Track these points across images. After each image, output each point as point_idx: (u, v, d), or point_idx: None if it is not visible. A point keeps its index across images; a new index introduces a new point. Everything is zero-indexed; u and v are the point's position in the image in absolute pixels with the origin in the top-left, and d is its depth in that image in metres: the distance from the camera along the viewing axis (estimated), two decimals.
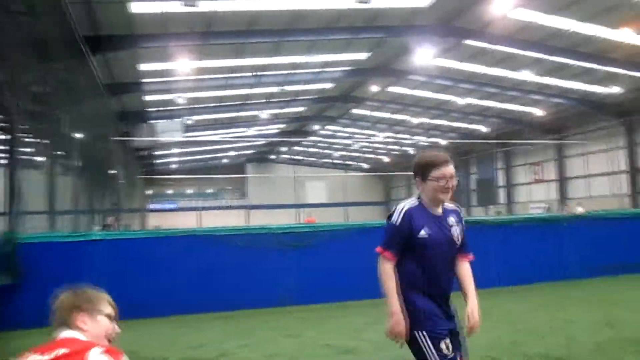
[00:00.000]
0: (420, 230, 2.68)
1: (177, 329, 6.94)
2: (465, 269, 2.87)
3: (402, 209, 2.76)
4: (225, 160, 57.24)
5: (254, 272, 8.18)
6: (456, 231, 2.79)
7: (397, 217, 2.73)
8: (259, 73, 26.82)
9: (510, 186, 44.86)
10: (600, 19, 21.34)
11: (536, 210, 37.16)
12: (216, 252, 8.09)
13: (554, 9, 20.86)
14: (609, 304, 7.48)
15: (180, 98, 28.42)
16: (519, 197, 44.16)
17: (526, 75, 28.61)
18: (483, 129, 41.79)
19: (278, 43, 22.97)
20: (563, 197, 38.77)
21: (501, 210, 42.68)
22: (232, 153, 54.38)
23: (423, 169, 2.78)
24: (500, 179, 45.52)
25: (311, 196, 61.68)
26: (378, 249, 2.73)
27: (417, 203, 2.79)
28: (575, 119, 35.97)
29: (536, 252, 9.82)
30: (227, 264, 8.13)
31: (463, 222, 2.88)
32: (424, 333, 2.59)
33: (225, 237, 8.24)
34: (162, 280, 7.51)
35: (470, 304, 2.76)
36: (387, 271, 2.66)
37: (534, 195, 42.18)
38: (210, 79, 26.86)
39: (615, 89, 30.11)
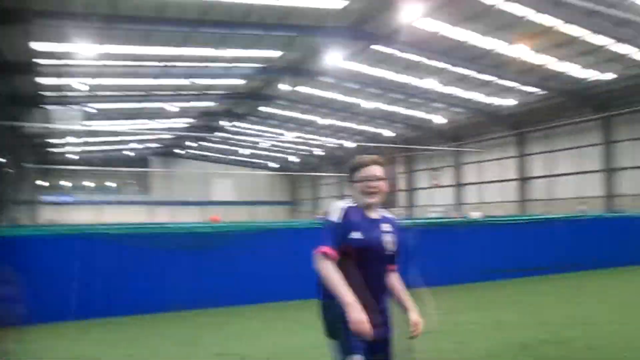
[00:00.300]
0: (356, 231, 2.61)
1: (52, 340, 6.25)
2: (394, 278, 2.83)
3: (342, 208, 2.67)
4: (128, 153, 54.76)
5: (148, 274, 7.52)
6: (389, 239, 2.71)
7: (337, 215, 2.64)
8: (167, 63, 25.90)
9: (411, 190, 46.64)
10: (499, 34, 22.73)
11: (434, 214, 38.88)
12: (105, 252, 7.32)
13: (458, 21, 21.95)
14: (500, 307, 7.78)
15: (81, 84, 26.75)
16: (419, 201, 46.04)
17: (430, 83, 29.88)
18: (388, 133, 43.13)
19: (187, 34, 22.31)
20: (459, 202, 40.91)
21: (402, 213, 44.24)
22: (136, 146, 52.15)
23: (351, 171, 2.75)
24: (402, 183, 47.17)
25: (218, 194, 60.60)
26: (318, 248, 2.57)
27: (352, 204, 2.71)
28: (473, 128, 38.09)
29: (431, 256, 9.84)
30: (118, 266, 7.30)
31: (399, 233, 2.79)
32: (341, 340, 2.54)
33: (117, 237, 7.48)
34: (41, 284, 6.64)
35: (414, 316, 2.83)
36: (330, 266, 2.53)
37: (432, 200, 44.15)
38: (115, 65, 25.54)
39: (510, 102, 32.22)
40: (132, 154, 54.87)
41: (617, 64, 25.10)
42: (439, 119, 38.03)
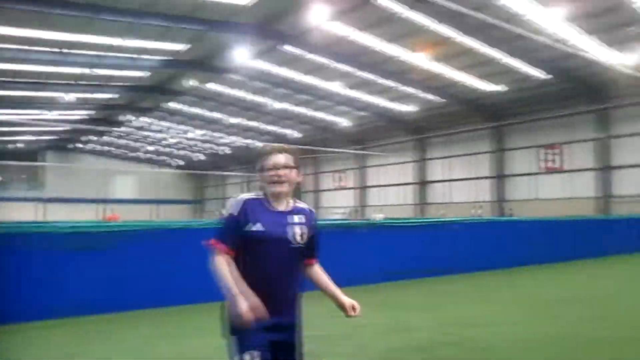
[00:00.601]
0: (255, 223, 2.46)
1: None
2: (316, 272, 2.70)
3: (241, 199, 2.55)
4: (18, 145, 50.96)
5: (30, 278, 6.88)
6: (297, 231, 2.53)
7: (234, 207, 2.51)
8: (65, 50, 24.48)
9: (316, 191, 47.30)
10: (402, 41, 23.73)
11: (337, 216, 39.71)
12: None
13: (364, 26, 22.66)
14: (401, 309, 7.83)
15: None
16: (323, 202, 46.81)
17: (336, 86, 30.56)
18: (295, 134, 43.47)
19: (89, 20, 21.22)
20: (362, 204, 42.08)
21: None
22: (25, 138, 48.63)
23: (258, 161, 2.61)
24: (308, 184, 47.72)
25: (120, 191, 58.00)
26: (211, 242, 2.46)
27: (258, 196, 2.58)
28: (377, 132, 39.37)
29: (335, 257, 9.63)
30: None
31: (313, 225, 2.63)
32: (235, 339, 2.41)
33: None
34: None
35: (346, 300, 2.64)
36: (220, 260, 2.42)
37: (336, 201, 45.07)
38: (4, 49, 23.72)
39: (411, 108, 33.68)
40: (20, 146, 51.07)
41: (508, 76, 27.06)
42: (344, 122, 38.92)
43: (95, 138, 51.56)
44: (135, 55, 26.59)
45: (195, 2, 20.43)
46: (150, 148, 54.85)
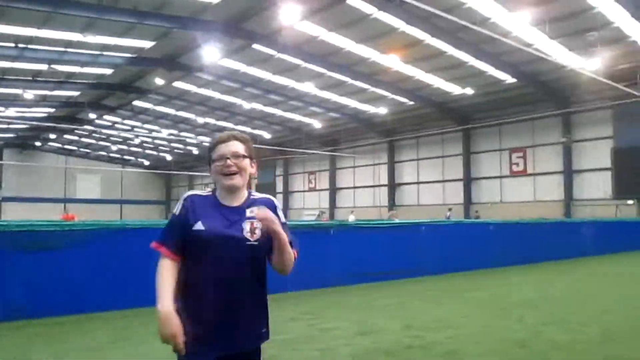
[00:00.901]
0: (197, 222, 2.17)
1: None
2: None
3: (183, 197, 2.29)
4: None
5: None
6: (250, 226, 2.19)
7: (177, 206, 2.26)
8: (22, 45, 23.39)
9: (287, 193, 46.83)
10: (373, 43, 23.44)
11: (308, 217, 39.34)
12: None
13: (336, 27, 22.28)
14: (368, 312, 7.67)
15: None
16: (295, 204, 46.38)
17: (308, 87, 30.14)
18: (266, 135, 42.92)
19: (48, 14, 20.32)
20: (333, 205, 41.79)
21: None
22: None
23: (209, 151, 2.32)
24: (279, 185, 47.24)
25: (83, 191, 56.46)
26: (153, 244, 2.21)
27: (207, 192, 2.32)
28: (348, 133, 39.15)
29: (303, 259, 9.52)
30: None
31: (280, 215, 2.27)
32: (178, 356, 2.12)
33: None
34: None
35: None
36: (160, 267, 2.15)
37: (308, 203, 44.69)
38: None
39: (382, 110, 33.50)
40: None
41: (475, 80, 27.08)
42: (316, 123, 38.56)
43: (56, 136, 49.94)
44: (97, 52, 25.62)
45: None
46: (116, 147, 53.50)
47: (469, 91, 28.76)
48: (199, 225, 2.16)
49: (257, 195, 2.35)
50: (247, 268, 2.18)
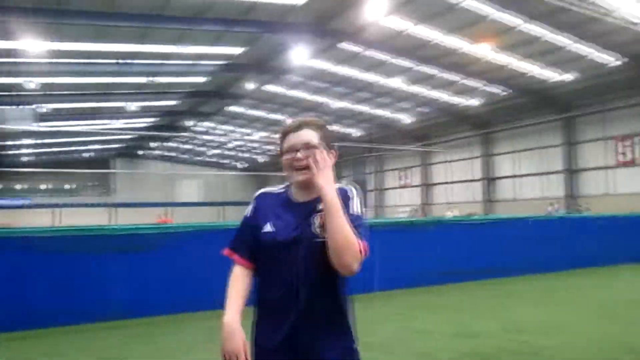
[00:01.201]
0: (267, 223, 1.95)
1: None
2: None
3: (256, 195, 2.09)
4: (88, 154, 53.15)
5: (77, 280, 6.85)
6: (319, 219, 1.89)
7: (248, 207, 2.06)
8: (123, 60, 24.93)
9: (380, 190, 46.42)
10: (462, 32, 22.53)
11: (401, 214, 38.74)
12: (28, 257, 6.66)
13: (422, 19, 21.66)
14: (461, 313, 7.30)
15: (31, 83, 25.57)
16: (388, 201, 45.86)
17: (397, 82, 29.62)
18: (356, 132, 42.78)
19: (144, 30, 21.49)
20: (427, 202, 40.84)
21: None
22: (96, 147, 50.62)
23: (280, 144, 2.04)
24: (371, 183, 46.94)
25: (185, 195, 59.41)
26: (224, 251, 2.04)
27: (280, 189, 2.09)
28: (440, 128, 38.04)
29: (396, 258, 9.29)
30: (42, 272, 6.69)
31: (351, 205, 1.91)
32: None
33: (42, 240, 6.86)
34: None
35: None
36: (232, 273, 1.98)
37: (401, 200, 44.01)
38: (67, 63, 24.44)
39: (475, 102, 32.21)
40: (92, 154, 53.28)
41: (577, 63, 25.20)
42: (406, 119, 37.88)
43: (160, 144, 52.98)
44: (192, 62, 26.79)
45: (248, 4, 20.16)
46: (214, 152, 55.84)
47: (569, 77, 26.86)
48: (268, 227, 1.94)
49: (336, 186, 2.00)
50: (318, 270, 1.85)
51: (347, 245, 1.78)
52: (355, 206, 1.93)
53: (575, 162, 30.65)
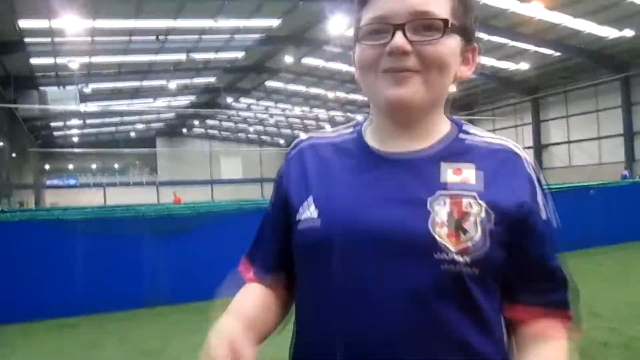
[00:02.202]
0: (303, 202, 1.01)
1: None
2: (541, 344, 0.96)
3: (290, 152, 1.18)
4: (132, 134, 53.88)
5: (112, 265, 6.48)
6: (447, 214, 0.89)
7: (274, 183, 1.20)
8: (161, 37, 24.64)
9: None
10: None
11: None
12: (61, 241, 6.27)
13: None
14: None
15: (73, 62, 25.63)
16: None
17: None
18: None
19: (180, 4, 21.02)
20: None
21: None
22: (139, 126, 51.19)
23: (355, 21, 1.07)
24: None
25: (226, 172, 59.73)
26: (240, 265, 1.18)
27: (342, 131, 1.12)
28: (485, 95, 36.57)
29: None
30: (75, 257, 6.25)
31: (524, 202, 0.93)
32: None
33: (76, 223, 6.48)
34: None
35: None
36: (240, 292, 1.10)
37: None
38: (107, 42, 24.36)
39: (524, 65, 30.64)
40: (134, 134, 53.99)
41: (637, 19, 23.42)
42: (451, 87, 36.53)
43: (199, 122, 53.12)
44: (228, 36, 26.29)
45: None
46: (253, 129, 55.67)
47: (628, 33, 25.05)
48: (309, 211, 0.98)
49: (474, 132, 1.03)
50: (438, 313, 0.88)
51: None
52: (545, 208, 0.97)
53: (637, 124, 28.87)
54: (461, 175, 0.94)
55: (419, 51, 0.92)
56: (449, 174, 0.94)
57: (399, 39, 0.91)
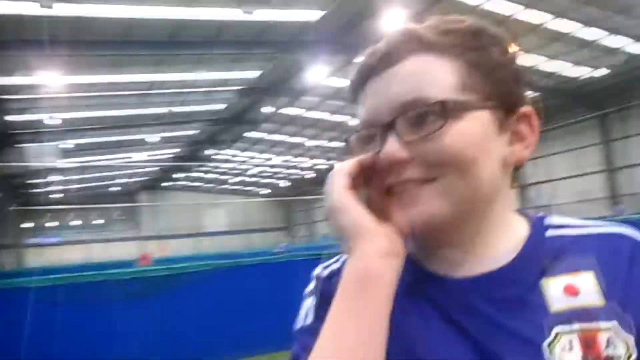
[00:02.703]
0: None
1: None
2: None
3: (307, 296, 0.87)
4: (115, 189, 53.31)
5: (84, 333, 6.13)
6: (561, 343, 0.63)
7: (304, 305, 0.86)
8: (142, 91, 24.71)
9: None
10: None
11: None
12: (24, 309, 5.91)
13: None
14: None
15: (52, 118, 25.49)
16: None
17: None
18: None
19: (160, 57, 21.21)
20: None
21: None
22: (122, 180, 50.73)
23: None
24: None
25: (210, 224, 59.10)
26: None
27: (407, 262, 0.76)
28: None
29: None
30: (42, 325, 5.96)
31: None
32: None
33: (42, 290, 6.11)
34: None
35: None
36: None
37: None
38: (87, 97, 24.30)
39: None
40: (118, 188, 53.46)
41: (610, 57, 24.04)
42: None
43: (183, 175, 52.87)
44: (209, 89, 26.45)
45: (261, 25, 19.75)
46: (237, 179, 55.51)
47: (602, 72, 25.76)
48: None
49: (567, 224, 0.76)
50: None
51: None
52: None
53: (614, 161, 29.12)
54: (579, 293, 0.65)
55: (419, 153, 0.70)
56: (560, 295, 0.65)
57: (389, 146, 0.70)
